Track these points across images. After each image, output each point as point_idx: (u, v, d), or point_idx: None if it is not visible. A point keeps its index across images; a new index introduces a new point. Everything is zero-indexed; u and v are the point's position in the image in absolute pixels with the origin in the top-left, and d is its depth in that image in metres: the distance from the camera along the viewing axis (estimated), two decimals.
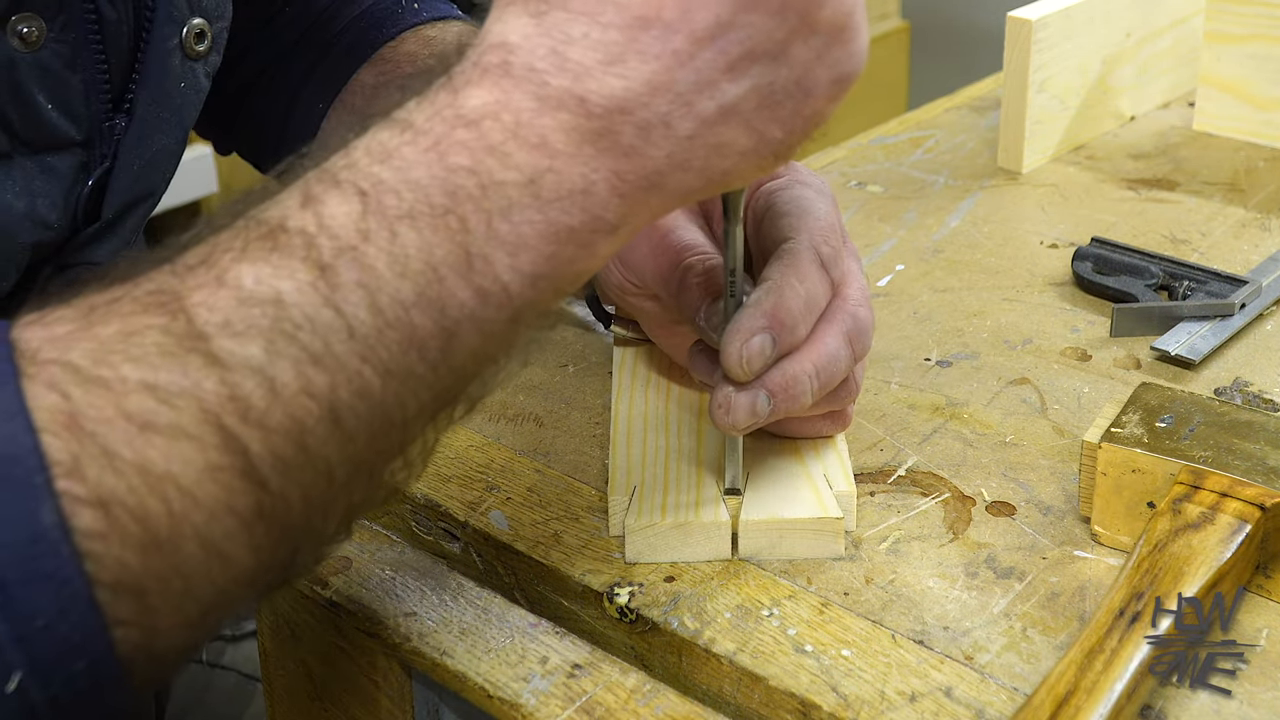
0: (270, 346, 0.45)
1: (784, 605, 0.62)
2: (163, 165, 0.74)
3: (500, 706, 0.60)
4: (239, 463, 0.45)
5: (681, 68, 0.49)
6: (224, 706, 1.10)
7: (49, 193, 0.67)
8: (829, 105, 0.52)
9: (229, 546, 0.45)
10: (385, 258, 0.47)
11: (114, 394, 0.44)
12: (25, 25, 0.63)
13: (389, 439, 0.49)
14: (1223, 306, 0.82)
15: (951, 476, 0.70)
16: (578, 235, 0.50)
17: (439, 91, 0.50)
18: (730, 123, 0.50)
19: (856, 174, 1.06)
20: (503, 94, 0.49)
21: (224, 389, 0.45)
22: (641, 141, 0.49)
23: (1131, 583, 0.58)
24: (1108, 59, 1.09)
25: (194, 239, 0.48)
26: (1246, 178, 1.03)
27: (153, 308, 0.46)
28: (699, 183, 0.51)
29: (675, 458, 0.69)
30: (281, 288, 0.46)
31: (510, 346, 0.51)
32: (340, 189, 0.48)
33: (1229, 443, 0.63)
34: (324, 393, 0.46)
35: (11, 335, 0.45)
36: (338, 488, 0.48)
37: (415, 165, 0.48)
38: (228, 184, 2.24)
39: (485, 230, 0.48)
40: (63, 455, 0.43)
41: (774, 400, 0.62)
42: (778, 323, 0.61)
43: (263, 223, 0.48)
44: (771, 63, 0.50)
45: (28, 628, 0.42)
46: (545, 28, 0.49)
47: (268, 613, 0.72)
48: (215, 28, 0.74)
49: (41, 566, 0.42)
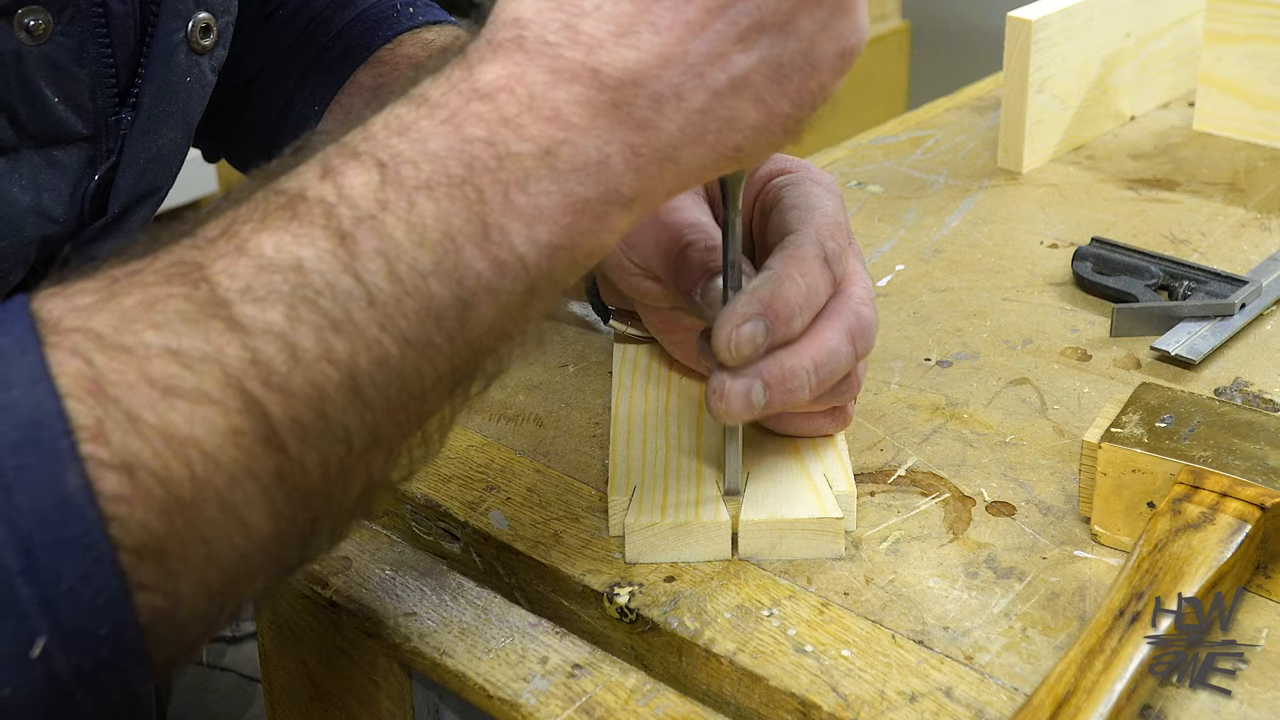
0: (291, 312, 0.46)
1: (784, 605, 0.62)
2: (168, 161, 0.74)
3: (500, 706, 0.60)
4: (260, 427, 0.45)
5: (693, 38, 0.50)
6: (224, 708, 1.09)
7: (55, 187, 0.67)
8: (834, 79, 0.53)
9: (249, 511, 0.46)
10: (404, 227, 0.48)
11: (137, 359, 0.44)
12: (32, 18, 0.63)
13: (407, 410, 0.49)
14: (1223, 306, 0.82)
15: (951, 476, 0.70)
16: (593, 207, 0.50)
17: (454, 68, 0.51)
18: (741, 95, 0.51)
19: (856, 174, 1.06)
20: (517, 67, 0.50)
21: (246, 354, 0.45)
22: (654, 113, 0.50)
23: (1131, 583, 0.58)
24: (1108, 59, 1.09)
25: (213, 213, 0.49)
26: (1246, 178, 1.03)
27: (175, 278, 0.46)
28: (711, 157, 0.52)
29: (675, 457, 0.69)
30: (302, 255, 0.47)
31: (525, 322, 0.51)
32: (359, 160, 0.49)
33: (1229, 443, 0.63)
34: (344, 359, 0.47)
35: (32, 306, 0.45)
36: (356, 457, 0.48)
37: (432, 137, 0.49)
38: (228, 184, 2.24)
39: (502, 201, 0.49)
40: (87, 420, 0.43)
41: (770, 392, 0.61)
42: (773, 312, 0.61)
43: (282, 193, 0.48)
44: (779, 34, 0.51)
45: (53, 592, 0.42)
46: (558, 2, 0.50)
47: (268, 613, 0.72)
48: (221, 22, 0.74)
49: (68, 530, 0.42)
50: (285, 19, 0.89)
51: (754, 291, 0.61)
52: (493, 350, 0.51)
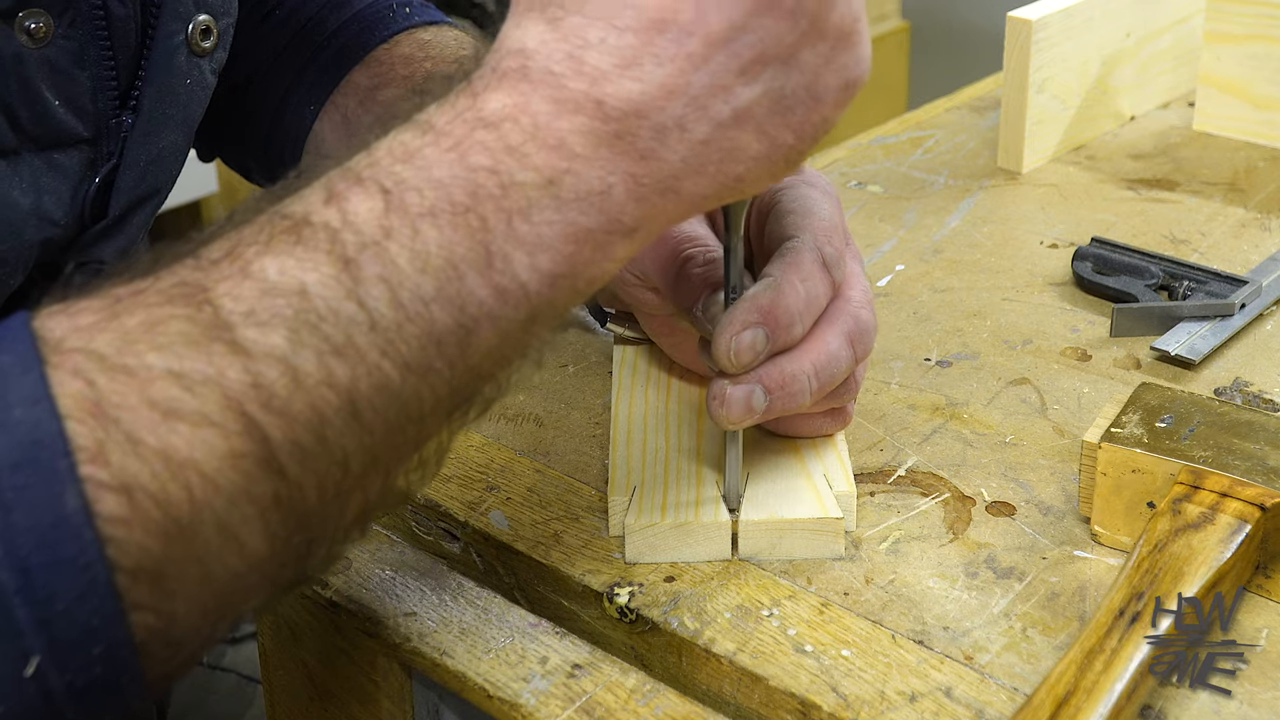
0: (294, 336, 0.46)
1: (784, 605, 0.62)
2: (169, 163, 0.74)
3: (500, 706, 0.60)
4: (260, 450, 0.45)
5: (696, 70, 0.50)
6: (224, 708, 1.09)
7: (56, 190, 0.67)
8: (836, 111, 0.53)
9: (246, 534, 0.46)
10: (407, 254, 0.48)
11: (138, 381, 0.44)
12: (33, 20, 0.63)
13: (405, 434, 0.49)
14: (1223, 306, 0.82)
15: (951, 476, 0.70)
16: (595, 236, 0.50)
17: (459, 96, 0.51)
18: (743, 127, 0.51)
19: (856, 174, 1.06)
20: (521, 97, 0.50)
21: (247, 377, 0.45)
22: (657, 144, 0.50)
23: (1131, 583, 0.58)
24: (1108, 59, 1.09)
25: (216, 234, 0.49)
26: (1246, 178, 1.03)
27: (178, 299, 0.46)
28: (713, 187, 0.52)
29: (675, 457, 0.69)
30: (306, 279, 0.47)
31: (525, 348, 0.52)
32: (363, 186, 0.49)
33: (1229, 443, 0.63)
34: (344, 384, 0.47)
35: (35, 325, 0.45)
36: (353, 480, 0.48)
37: (437, 165, 0.49)
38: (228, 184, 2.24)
39: (505, 229, 0.49)
40: (87, 441, 0.43)
41: (771, 397, 0.62)
42: (773, 319, 0.61)
43: (287, 217, 0.48)
44: (783, 67, 0.51)
45: (48, 611, 0.42)
46: (562, 33, 0.50)
47: (268, 613, 0.72)
48: (221, 24, 0.74)
49: (64, 551, 0.42)
50: (281, 19, 0.89)
51: (754, 299, 0.61)
52: (492, 376, 0.52)
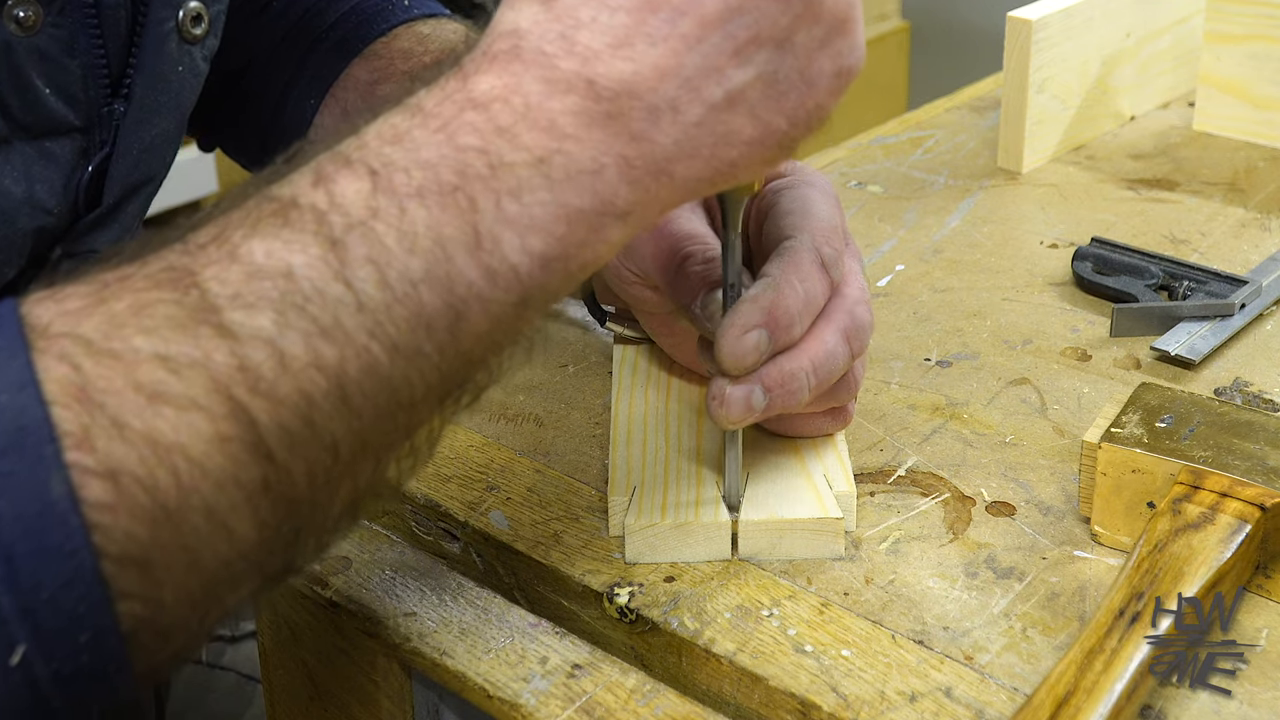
0: (280, 319, 0.46)
1: (784, 605, 0.62)
2: (162, 150, 0.74)
3: (500, 706, 0.60)
4: (247, 434, 0.45)
5: (689, 51, 0.50)
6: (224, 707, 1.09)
7: (48, 178, 0.67)
8: (831, 99, 0.53)
9: (234, 519, 0.45)
10: (394, 234, 0.47)
11: (125, 365, 0.44)
12: (22, 9, 0.63)
13: (395, 420, 0.49)
14: (1223, 306, 0.82)
15: (951, 476, 0.70)
16: (587, 218, 0.50)
17: (449, 78, 0.51)
18: (737, 110, 0.51)
19: (856, 174, 1.06)
20: (512, 78, 0.50)
21: (234, 360, 0.45)
22: (650, 126, 0.50)
23: (1131, 583, 0.58)
24: (1108, 59, 1.09)
25: (204, 219, 0.49)
26: (1246, 178, 1.03)
27: (165, 283, 0.46)
28: (706, 172, 0.52)
29: (675, 458, 0.69)
30: (292, 261, 0.46)
31: (517, 334, 0.51)
32: (351, 168, 0.48)
33: (1229, 443, 0.63)
34: (332, 366, 0.46)
35: (22, 310, 0.45)
36: (342, 466, 0.48)
37: (425, 145, 0.49)
38: (228, 183, 2.24)
39: (494, 209, 0.49)
40: (73, 426, 0.43)
41: (770, 396, 0.62)
42: (774, 320, 0.61)
43: (274, 199, 0.48)
44: (776, 50, 0.51)
45: (33, 599, 0.42)
46: (555, 13, 0.50)
47: (268, 613, 0.72)
48: (212, 10, 0.74)
49: (49, 538, 0.42)
50: (279, 11, 0.89)
51: (754, 300, 0.61)
52: (484, 361, 0.51)
